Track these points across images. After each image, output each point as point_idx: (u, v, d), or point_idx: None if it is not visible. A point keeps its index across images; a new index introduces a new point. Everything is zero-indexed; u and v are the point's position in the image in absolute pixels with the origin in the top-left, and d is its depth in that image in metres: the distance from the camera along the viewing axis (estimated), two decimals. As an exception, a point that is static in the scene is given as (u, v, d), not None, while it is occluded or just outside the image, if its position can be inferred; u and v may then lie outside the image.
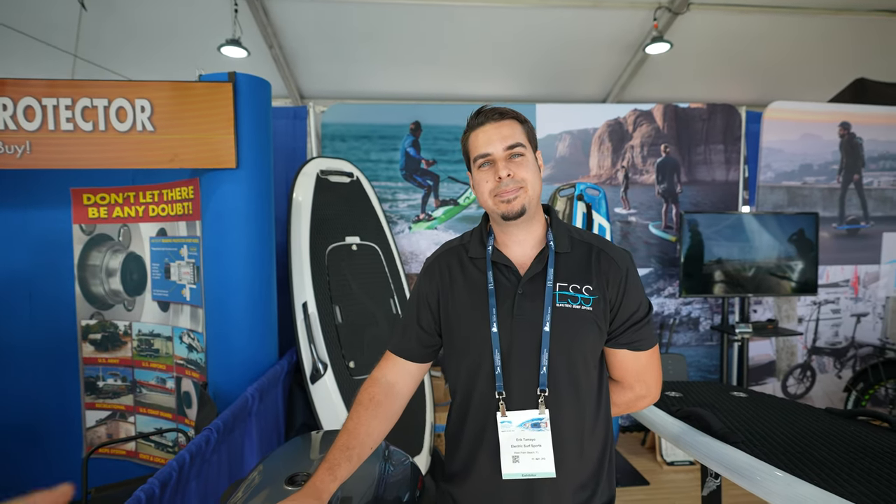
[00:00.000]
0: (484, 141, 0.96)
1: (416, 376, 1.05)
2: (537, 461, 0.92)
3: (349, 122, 3.39)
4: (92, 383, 2.65)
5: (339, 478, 0.90)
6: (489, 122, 0.98)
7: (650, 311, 1.01)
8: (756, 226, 3.14)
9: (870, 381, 2.98)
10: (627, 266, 0.99)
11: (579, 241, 1.02)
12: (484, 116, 0.99)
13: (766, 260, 3.14)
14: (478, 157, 0.97)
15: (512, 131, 0.96)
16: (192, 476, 1.44)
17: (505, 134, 0.96)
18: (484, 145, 0.96)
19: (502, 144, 0.95)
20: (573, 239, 1.02)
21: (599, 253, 1.00)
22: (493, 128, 0.97)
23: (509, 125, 0.97)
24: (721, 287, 3.12)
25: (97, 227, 2.60)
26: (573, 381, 0.95)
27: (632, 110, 3.48)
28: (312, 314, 2.49)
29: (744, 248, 3.13)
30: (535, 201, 0.98)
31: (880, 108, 3.51)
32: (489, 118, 0.98)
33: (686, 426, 1.30)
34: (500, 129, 0.96)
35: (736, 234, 3.13)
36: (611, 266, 0.98)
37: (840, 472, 0.99)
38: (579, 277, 0.97)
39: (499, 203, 0.95)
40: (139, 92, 2.03)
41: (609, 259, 0.99)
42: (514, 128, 0.97)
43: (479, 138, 0.97)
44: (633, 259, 1.02)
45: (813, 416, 1.40)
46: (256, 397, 1.94)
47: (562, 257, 0.99)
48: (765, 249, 3.14)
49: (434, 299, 1.03)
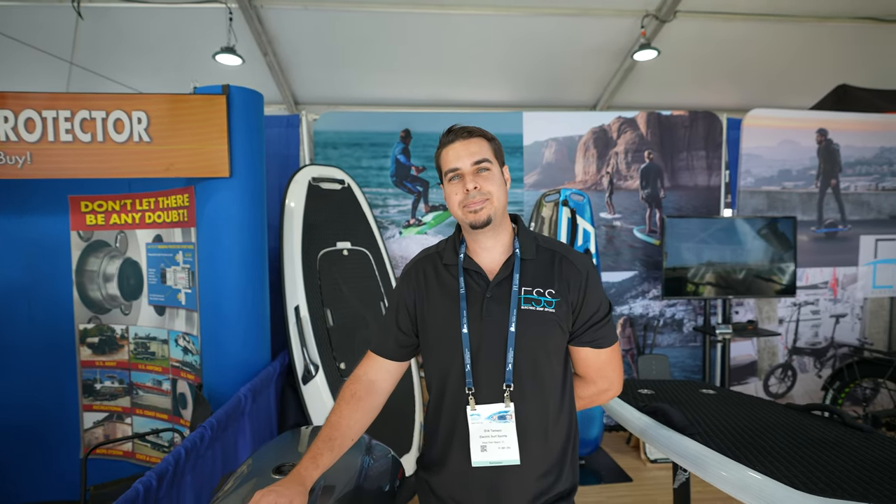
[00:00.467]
0: (453, 157, 1.06)
1: (395, 374, 1.14)
2: (503, 450, 1.00)
3: (341, 129, 3.47)
4: (90, 386, 2.72)
5: (322, 466, 0.99)
6: (458, 140, 1.07)
7: (610, 311, 1.10)
8: (736, 229, 3.24)
9: (845, 380, 3.08)
10: (588, 270, 1.08)
11: (544, 248, 1.11)
12: (454, 135, 1.08)
13: (747, 262, 3.24)
14: (448, 171, 1.06)
15: (479, 148, 1.06)
16: (188, 470, 1.51)
17: (472, 150, 1.05)
18: (453, 160, 1.05)
19: (470, 160, 1.04)
20: (538, 246, 1.11)
21: (562, 259, 1.09)
22: (461, 145, 1.06)
23: (477, 143, 1.06)
24: (703, 289, 3.22)
25: (95, 234, 2.68)
26: (537, 376, 1.03)
27: (616, 118, 3.58)
28: (304, 317, 2.57)
29: (725, 251, 3.23)
30: (501, 212, 1.07)
31: (856, 114, 3.62)
32: (458, 136, 1.07)
33: (650, 420, 1.38)
34: (469, 146, 1.05)
35: (717, 238, 3.23)
36: (572, 271, 1.07)
37: (783, 459, 1.08)
38: (543, 282, 1.06)
39: (467, 213, 1.04)
40: (136, 104, 2.11)
41: (570, 264, 1.08)
42: (482, 145, 1.07)
43: (450, 154, 1.07)
44: (593, 264, 1.11)
45: (772, 411, 1.49)
46: (249, 397, 2.01)
47: (527, 263, 1.08)
48: (745, 252, 3.24)
49: (411, 302, 1.11)
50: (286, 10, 5.16)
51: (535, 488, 1.02)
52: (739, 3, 5.31)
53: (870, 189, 3.60)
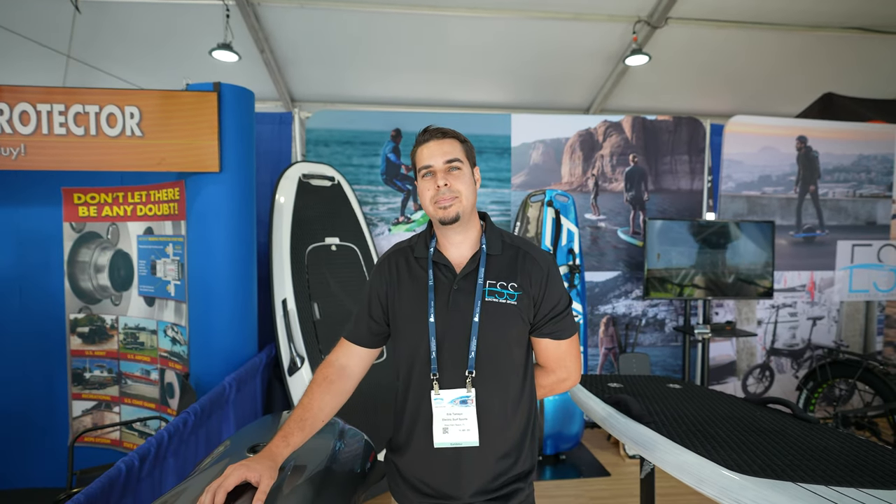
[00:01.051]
0: (427, 155, 1.13)
1: (366, 360, 1.21)
2: (463, 432, 1.07)
3: (333, 127, 3.54)
4: (79, 374, 2.77)
5: (293, 444, 1.05)
6: (433, 140, 1.14)
7: (570, 304, 1.17)
8: (717, 233, 3.32)
9: (818, 381, 3.16)
10: (549, 266, 1.15)
11: (509, 245, 1.18)
12: (429, 134, 1.15)
13: (727, 265, 3.33)
14: (422, 168, 1.14)
15: (452, 148, 1.13)
16: (170, 454, 1.58)
17: (445, 150, 1.12)
18: (427, 158, 1.12)
19: (442, 159, 1.11)
20: (504, 242, 1.18)
21: (525, 255, 1.16)
22: (436, 144, 1.13)
23: (450, 143, 1.13)
24: (684, 290, 3.30)
25: (87, 226, 2.73)
26: (498, 364, 1.10)
27: (602, 121, 3.66)
28: (291, 310, 2.63)
29: (706, 253, 3.31)
30: (470, 210, 1.14)
31: (836, 123, 3.72)
32: (433, 136, 1.14)
33: (612, 410, 1.46)
34: (442, 145, 1.13)
35: (699, 240, 3.31)
36: (534, 266, 1.14)
37: (726, 445, 1.15)
38: (506, 276, 1.13)
39: (437, 209, 1.11)
40: (129, 99, 2.17)
41: (533, 260, 1.15)
42: (454, 146, 1.14)
43: (424, 153, 1.14)
44: (554, 260, 1.18)
45: (729, 403, 1.57)
46: (234, 386, 2.08)
47: (492, 258, 1.15)
48: (725, 255, 3.32)
49: (383, 292, 1.18)
50: (283, 7, 5.21)
51: (494, 469, 1.09)
52: (730, 11, 5.39)
53: (847, 195, 3.69)
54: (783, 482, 0.93)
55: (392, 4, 5.14)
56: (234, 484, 0.93)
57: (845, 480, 0.94)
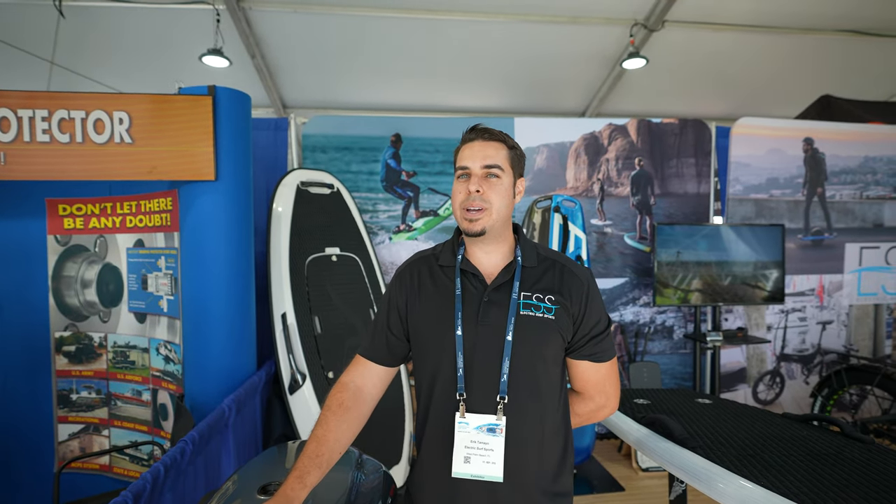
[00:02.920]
0: (468, 155, 1.03)
1: (384, 379, 1.09)
2: (487, 464, 0.95)
3: (330, 133, 3.42)
4: (65, 396, 2.61)
5: (309, 485, 0.93)
6: (478, 140, 1.04)
7: (609, 324, 1.07)
8: (726, 237, 3.25)
9: (834, 388, 3.09)
10: (589, 282, 1.05)
11: (545, 258, 1.08)
12: (475, 133, 1.06)
13: (736, 270, 3.25)
14: (458, 168, 1.04)
15: (495, 153, 1.02)
16: (167, 488, 1.44)
17: (488, 154, 1.02)
18: (466, 159, 1.03)
19: (482, 162, 1.01)
20: (539, 255, 1.08)
21: (563, 268, 1.06)
22: (479, 145, 1.03)
23: (494, 147, 1.03)
24: (693, 296, 3.22)
25: (72, 238, 2.58)
26: (534, 387, 0.99)
27: (607, 124, 3.58)
28: (291, 325, 2.50)
29: (715, 258, 3.24)
30: (501, 224, 1.03)
31: (842, 124, 3.68)
32: (479, 136, 1.05)
33: (649, 432, 1.35)
34: (486, 148, 1.03)
35: (707, 245, 3.23)
36: (574, 281, 1.04)
37: (787, 473, 1.05)
38: (543, 288, 1.03)
39: (463, 219, 1.01)
40: (117, 104, 2.04)
41: (572, 274, 1.05)
42: (499, 150, 1.03)
43: (465, 152, 1.04)
44: (593, 276, 1.08)
45: (770, 421, 1.47)
46: (233, 409, 1.94)
47: (528, 270, 1.05)
48: (735, 260, 3.25)
49: (403, 304, 1.07)
50: (275, 12, 5.09)
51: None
52: (726, 14, 5.39)
53: (854, 198, 3.65)
54: (871, 522, 0.83)
55: (386, 8, 5.05)
56: (247, 538, 0.81)
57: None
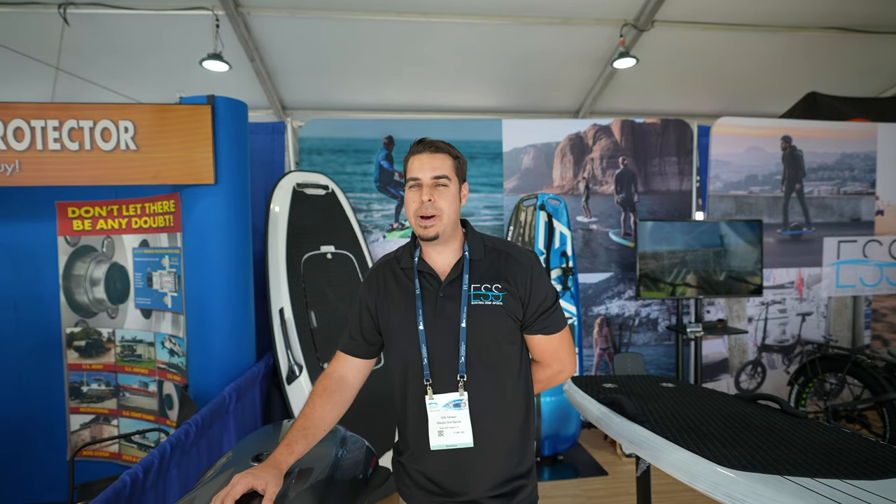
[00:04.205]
0: (417, 167, 1.16)
1: (363, 370, 1.24)
2: (458, 434, 1.11)
3: (326, 136, 3.56)
4: (76, 388, 2.77)
5: (296, 453, 1.08)
6: (426, 153, 1.17)
7: (557, 299, 1.20)
8: (707, 232, 3.38)
9: (808, 376, 3.22)
10: (532, 264, 1.19)
11: (491, 248, 1.22)
12: (423, 146, 1.18)
13: (716, 264, 3.39)
14: (410, 179, 1.17)
15: (442, 164, 1.16)
16: (173, 465, 1.59)
17: (435, 165, 1.15)
18: (416, 170, 1.16)
19: (431, 174, 1.14)
20: (486, 247, 1.22)
21: (507, 256, 1.19)
22: (427, 157, 1.16)
23: (441, 159, 1.17)
24: (675, 289, 3.35)
25: (81, 239, 2.74)
26: (490, 364, 1.14)
27: (591, 125, 3.71)
28: (288, 319, 2.65)
29: (696, 252, 3.37)
30: (451, 227, 1.17)
31: (819, 122, 3.80)
32: (426, 149, 1.18)
33: (606, 410, 1.49)
34: (433, 160, 1.16)
35: (688, 240, 3.37)
36: (517, 267, 1.18)
37: (717, 442, 1.19)
38: (490, 278, 1.17)
39: (418, 226, 1.14)
40: (123, 114, 2.19)
41: (515, 261, 1.19)
42: (445, 161, 1.17)
43: (414, 164, 1.17)
44: (538, 258, 1.22)
45: (721, 401, 1.61)
46: (233, 396, 2.09)
47: (476, 263, 1.19)
48: (715, 254, 3.38)
49: (373, 304, 1.22)
50: (273, 17, 5.23)
51: (497, 469, 1.12)
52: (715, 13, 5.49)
53: (832, 193, 3.77)
54: (771, 476, 0.97)
55: (381, 12, 5.18)
56: (241, 492, 0.96)
57: (831, 472, 0.98)
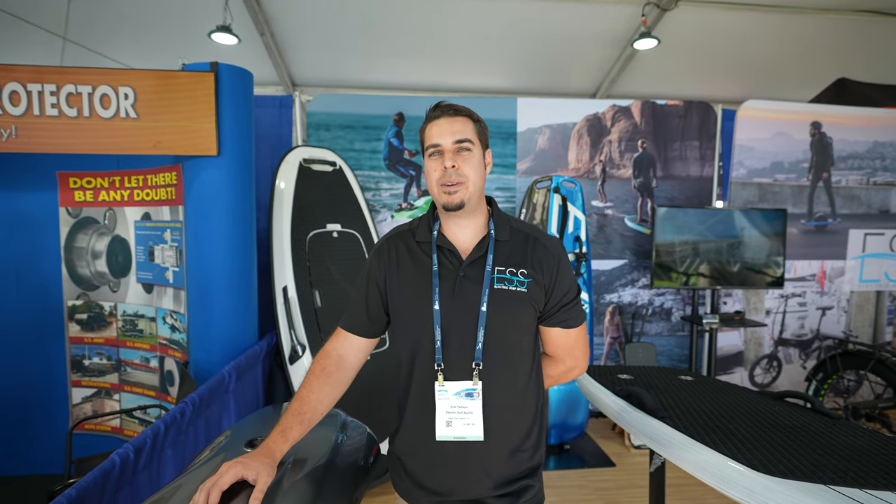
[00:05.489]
0: (436, 133, 1.06)
1: (364, 350, 1.15)
2: (468, 426, 1.02)
3: (334, 111, 3.45)
4: (78, 362, 2.74)
5: (291, 439, 1.00)
6: (444, 117, 1.07)
7: (579, 293, 1.11)
8: (727, 221, 3.25)
9: (828, 372, 3.11)
10: (559, 254, 1.09)
11: (517, 231, 1.12)
12: (440, 111, 1.08)
13: (736, 254, 3.26)
14: (429, 147, 1.07)
15: (463, 127, 1.05)
16: (168, 444, 1.54)
17: (456, 129, 1.05)
18: (436, 136, 1.05)
19: (452, 138, 1.04)
20: (512, 228, 1.12)
21: (535, 241, 1.10)
22: (446, 122, 1.06)
23: (461, 122, 1.06)
24: (691, 279, 3.24)
25: (83, 211, 2.67)
26: (506, 354, 1.04)
27: (610, 106, 3.56)
28: (292, 298, 2.58)
29: (715, 241, 3.24)
30: (477, 196, 1.07)
31: (851, 108, 3.61)
32: (444, 113, 1.07)
33: (624, 403, 1.40)
34: (453, 124, 1.05)
35: (708, 229, 3.23)
36: (545, 254, 1.08)
37: (746, 442, 1.10)
38: (516, 262, 1.07)
39: (442, 193, 1.04)
40: (123, 80, 2.09)
41: (543, 248, 1.09)
42: (466, 125, 1.06)
43: (433, 130, 1.07)
44: (564, 248, 1.12)
45: (745, 397, 1.51)
46: (233, 375, 2.03)
47: (501, 244, 1.09)
48: (735, 244, 3.25)
49: (382, 278, 1.12)
50: (284, -11, 5.09)
51: (503, 464, 1.04)
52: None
53: (861, 183, 3.60)
54: (814, 484, 0.88)
55: (395, -15, 5.01)
56: (229, 483, 0.88)
57: (881, 483, 0.89)
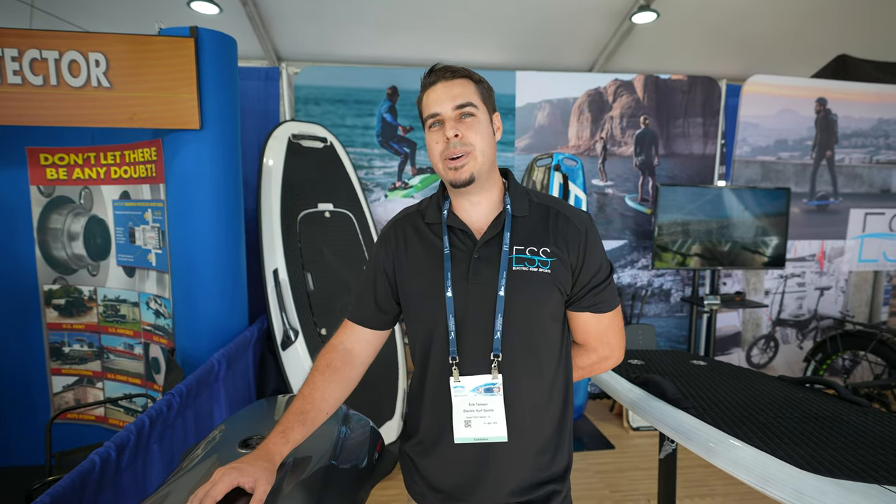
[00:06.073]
0: (434, 100, 0.93)
1: (374, 343, 1.04)
2: (489, 425, 0.92)
3: (324, 85, 3.28)
4: (57, 349, 2.60)
5: (292, 441, 0.90)
6: (440, 82, 0.94)
7: (612, 272, 1.00)
8: (730, 200, 3.17)
9: (828, 352, 3.09)
10: (587, 227, 0.98)
11: (537, 204, 1.00)
12: (435, 75, 0.95)
13: (738, 234, 3.19)
14: (428, 117, 0.94)
15: (463, 90, 0.93)
16: (154, 439, 1.43)
17: (455, 93, 0.92)
18: (434, 104, 0.93)
19: (452, 103, 0.92)
20: (531, 202, 1.00)
21: (558, 215, 0.98)
22: (443, 87, 0.93)
23: (461, 84, 0.94)
24: (692, 260, 3.17)
25: (56, 189, 2.50)
26: (530, 344, 0.94)
27: (612, 80, 3.43)
28: (283, 281, 2.46)
29: (717, 221, 3.18)
30: (488, 167, 0.95)
31: (858, 84, 3.53)
32: (440, 77, 0.94)
33: (642, 392, 1.33)
34: (451, 88, 0.93)
35: (710, 208, 3.16)
36: (569, 228, 0.96)
37: (781, 435, 1.03)
38: (537, 240, 0.95)
39: (448, 169, 0.93)
40: (93, 45, 1.91)
41: (567, 221, 0.97)
42: (466, 87, 0.94)
43: (430, 98, 0.94)
44: (592, 220, 1.01)
45: (766, 384, 1.45)
46: (223, 363, 1.92)
47: (519, 220, 0.97)
48: (737, 223, 3.19)
49: (390, 266, 1.01)
50: (267, -46, 4.80)
51: (527, 468, 0.94)
52: (744, -36, 5.08)
53: (864, 162, 3.55)
54: (868, 485, 0.81)
55: (386, -48, 4.75)
56: (223, 492, 0.78)
57: (938, 482, 0.82)
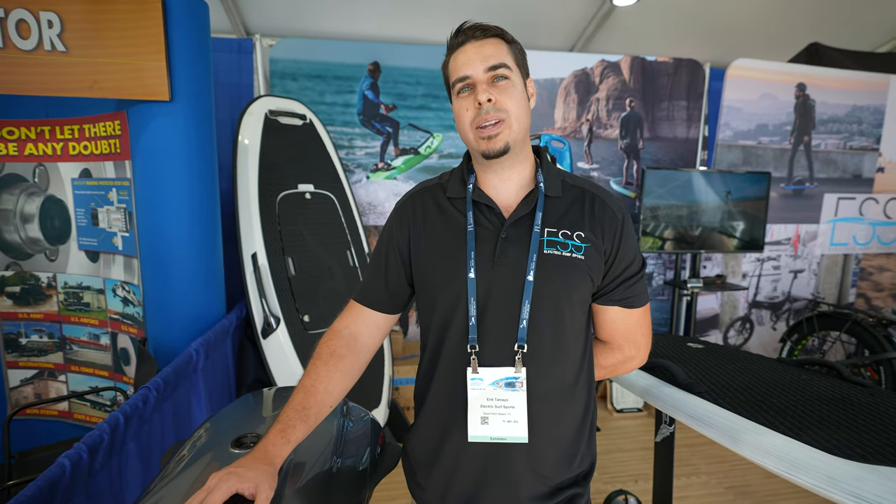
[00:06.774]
0: (463, 62, 0.85)
1: (382, 328, 0.96)
2: (508, 424, 0.84)
3: (301, 59, 3.10)
4: (13, 340, 2.40)
5: (294, 440, 0.82)
6: (469, 42, 0.85)
7: (644, 265, 0.93)
8: (713, 184, 3.19)
9: (804, 333, 3.19)
10: (624, 214, 0.91)
11: (571, 186, 0.93)
12: (464, 35, 0.86)
13: (718, 218, 3.23)
14: (456, 82, 0.86)
15: (496, 50, 0.84)
16: (129, 437, 1.31)
17: (487, 53, 0.84)
18: (463, 67, 0.84)
19: (483, 64, 0.83)
20: (565, 183, 0.93)
21: (594, 198, 0.91)
22: (473, 47, 0.85)
23: (493, 44, 0.85)
24: (674, 244, 3.19)
25: (6, 166, 2.28)
26: (557, 337, 0.86)
27: (599, 61, 3.39)
28: (263, 266, 2.33)
29: (699, 205, 3.19)
30: (522, 137, 0.87)
31: (836, 70, 3.59)
32: (470, 36, 0.85)
33: (653, 378, 1.29)
34: (482, 48, 0.84)
35: (693, 192, 3.17)
36: (606, 213, 0.89)
37: (800, 419, 1.01)
38: (571, 223, 0.88)
39: (479, 139, 0.84)
40: (44, 3, 1.71)
41: (604, 206, 0.90)
42: (499, 47, 0.85)
43: (459, 59, 0.86)
44: (627, 209, 0.94)
45: (766, 365, 1.44)
46: (202, 353, 1.80)
47: (552, 201, 0.90)
48: (718, 208, 3.21)
49: (405, 242, 0.92)
50: (234, -82, 4.49)
51: (549, 470, 0.87)
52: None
53: (838, 148, 3.63)
54: (904, 470, 0.79)
55: (363, -80, 4.52)
56: (221, 500, 0.69)
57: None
